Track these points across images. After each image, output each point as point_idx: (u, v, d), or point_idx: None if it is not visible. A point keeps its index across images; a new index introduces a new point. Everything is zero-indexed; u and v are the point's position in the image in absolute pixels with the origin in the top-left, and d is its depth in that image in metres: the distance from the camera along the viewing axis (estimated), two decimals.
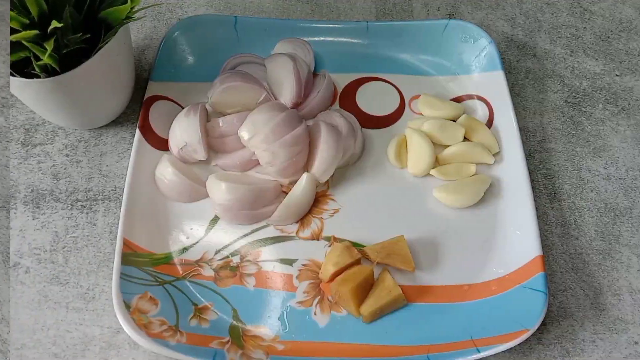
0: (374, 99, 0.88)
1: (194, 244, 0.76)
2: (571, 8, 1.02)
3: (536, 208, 0.76)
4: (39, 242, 0.76)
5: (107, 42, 0.71)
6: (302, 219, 0.78)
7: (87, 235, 0.77)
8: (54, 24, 0.63)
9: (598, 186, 0.83)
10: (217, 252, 0.76)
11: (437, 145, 0.83)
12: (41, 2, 0.65)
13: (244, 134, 0.76)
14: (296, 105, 0.84)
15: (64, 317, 0.72)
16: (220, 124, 0.80)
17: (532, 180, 0.79)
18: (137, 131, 0.80)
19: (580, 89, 0.92)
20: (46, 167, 0.82)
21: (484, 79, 0.88)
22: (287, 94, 0.83)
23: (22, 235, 0.77)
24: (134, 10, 0.71)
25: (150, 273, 0.73)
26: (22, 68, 0.70)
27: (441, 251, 0.76)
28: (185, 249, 0.76)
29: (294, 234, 0.77)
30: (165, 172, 0.78)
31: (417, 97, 0.88)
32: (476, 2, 1.01)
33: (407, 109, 0.88)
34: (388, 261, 0.73)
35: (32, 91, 0.71)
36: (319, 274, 0.74)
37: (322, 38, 0.92)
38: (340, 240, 0.76)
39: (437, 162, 0.82)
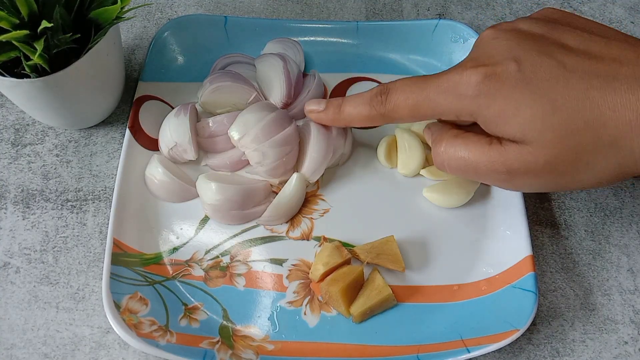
0: None
1: (184, 244, 0.76)
2: (561, 8, 1.02)
3: (526, 208, 0.76)
4: (29, 242, 0.76)
5: (97, 42, 0.71)
6: (292, 219, 0.79)
7: (77, 235, 0.77)
8: (44, 24, 0.62)
9: None
10: (207, 252, 0.76)
11: (427, 145, 0.83)
12: (31, 2, 0.65)
13: (234, 134, 0.76)
14: (286, 105, 0.84)
15: (54, 317, 0.72)
16: (210, 124, 0.80)
17: None
18: (127, 131, 0.80)
19: None
20: (36, 167, 0.81)
21: None
22: (277, 94, 0.83)
23: (12, 235, 0.77)
24: (124, 10, 0.71)
25: (140, 273, 0.73)
26: (12, 68, 0.70)
27: (431, 251, 0.77)
28: (175, 249, 0.76)
29: (284, 234, 0.77)
30: (155, 172, 0.78)
31: None
32: (466, 2, 1.01)
33: None
34: (378, 261, 0.73)
35: (22, 91, 0.70)
36: (309, 274, 0.74)
37: (312, 38, 0.92)
38: (330, 240, 0.76)
39: (427, 162, 0.82)
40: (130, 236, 0.74)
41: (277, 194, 0.78)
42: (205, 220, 0.78)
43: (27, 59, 0.66)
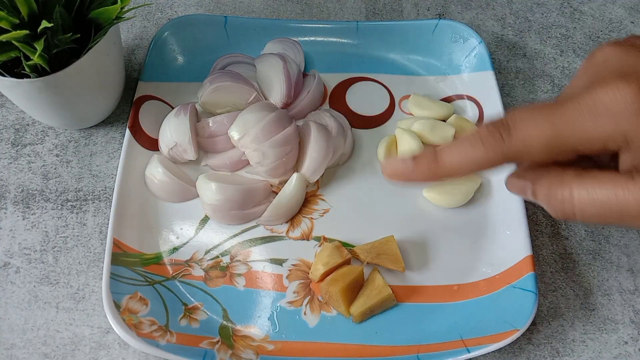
0: (364, 99, 0.89)
1: (184, 244, 0.76)
2: (561, 8, 1.02)
3: (526, 208, 0.76)
4: (29, 242, 0.76)
5: (97, 42, 0.71)
6: (292, 219, 0.79)
7: (77, 235, 0.77)
8: (44, 24, 0.62)
9: None
10: (207, 252, 0.76)
11: (427, 146, 0.83)
12: (31, 2, 0.65)
13: (234, 134, 0.76)
14: (286, 105, 0.84)
15: (54, 317, 0.72)
16: (210, 124, 0.80)
17: None
18: (127, 131, 0.79)
19: None
20: (36, 167, 0.81)
21: (474, 79, 0.88)
22: (277, 94, 0.83)
23: (12, 235, 0.77)
24: (124, 10, 0.71)
25: (140, 273, 0.73)
26: (12, 68, 0.70)
27: (431, 251, 0.76)
28: (175, 249, 0.76)
29: (284, 234, 0.77)
30: (155, 172, 0.78)
31: (407, 97, 0.88)
32: (466, 2, 1.01)
33: (397, 109, 0.88)
34: (378, 261, 0.73)
35: (22, 91, 0.70)
36: (309, 274, 0.74)
37: (312, 38, 0.92)
38: (330, 240, 0.76)
39: None
40: (130, 236, 0.74)
41: (277, 194, 0.78)
42: (205, 220, 0.78)
43: (27, 59, 0.66)
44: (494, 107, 0.84)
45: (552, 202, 0.56)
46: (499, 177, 0.80)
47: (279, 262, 0.75)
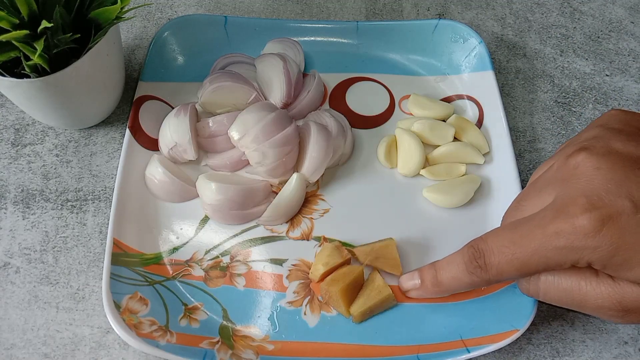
0: (364, 99, 0.89)
1: (184, 244, 0.76)
2: (561, 8, 1.02)
3: None
4: (29, 242, 0.76)
5: (97, 42, 0.71)
6: (292, 219, 0.78)
7: (77, 235, 0.77)
8: (44, 24, 0.62)
9: None
10: (207, 252, 0.76)
11: (427, 145, 0.83)
12: (31, 2, 0.65)
13: (234, 134, 0.76)
14: (286, 105, 0.84)
15: (54, 317, 0.72)
16: (210, 124, 0.80)
17: (522, 180, 0.79)
18: (127, 131, 0.79)
19: (570, 89, 0.92)
20: (36, 167, 0.81)
21: (474, 79, 0.88)
22: (277, 94, 0.83)
23: (12, 235, 0.77)
24: (124, 10, 0.71)
25: (140, 273, 0.72)
26: (12, 68, 0.70)
27: (431, 251, 0.76)
28: (175, 249, 0.76)
29: (284, 234, 0.77)
30: (155, 172, 0.77)
31: (407, 97, 0.88)
32: (466, 2, 1.01)
33: (397, 109, 0.88)
34: (376, 264, 0.73)
35: (22, 91, 0.70)
36: (309, 274, 0.74)
37: (312, 38, 0.92)
38: (330, 240, 0.76)
39: (427, 162, 0.82)
40: (130, 236, 0.74)
41: (277, 194, 0.78)
42: (205, 220, 0.78)
43: (27, 59, 0.66)
44: (494, 107, 0.84)
45: (524, 280, 0.65)
46: (499, 177, 0.80)
47: (279, 262, 0.75)
